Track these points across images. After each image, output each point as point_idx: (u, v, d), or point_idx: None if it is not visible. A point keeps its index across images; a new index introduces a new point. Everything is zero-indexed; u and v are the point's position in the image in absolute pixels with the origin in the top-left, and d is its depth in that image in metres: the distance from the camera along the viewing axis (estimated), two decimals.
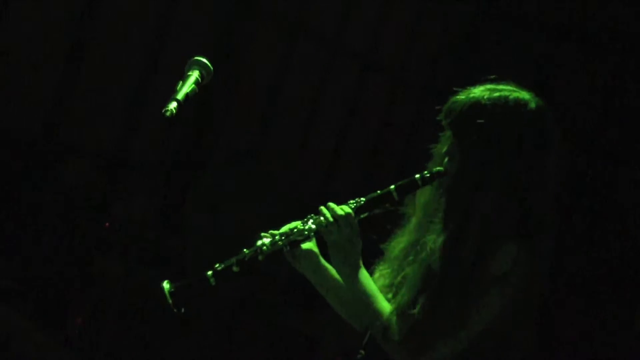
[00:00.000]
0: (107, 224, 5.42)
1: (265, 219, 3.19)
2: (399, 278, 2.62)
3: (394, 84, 7.45)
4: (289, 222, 2.73)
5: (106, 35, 5.74)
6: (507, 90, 2.57)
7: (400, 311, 2.50)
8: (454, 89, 2.62)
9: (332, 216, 2.59)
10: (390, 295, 2.60)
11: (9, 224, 5.32)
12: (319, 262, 2.76)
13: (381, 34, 7.21)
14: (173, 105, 2.58)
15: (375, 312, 2.55)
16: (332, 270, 2.75)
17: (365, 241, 2.65)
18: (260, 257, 2.65)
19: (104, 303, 5.28)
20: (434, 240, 2.52)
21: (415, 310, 2.46)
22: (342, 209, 2.60)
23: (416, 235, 2.62)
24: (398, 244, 2.68)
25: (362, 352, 2.68)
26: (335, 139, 7.16)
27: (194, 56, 2.71)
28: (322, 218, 2.62)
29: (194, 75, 2.67)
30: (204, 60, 2.69)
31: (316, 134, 6.97)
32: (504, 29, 7.03)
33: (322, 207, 2.63)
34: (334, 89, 7.04)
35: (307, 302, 5.66)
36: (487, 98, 2.54)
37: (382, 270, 2.70)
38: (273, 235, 2.68)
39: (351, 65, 7.14)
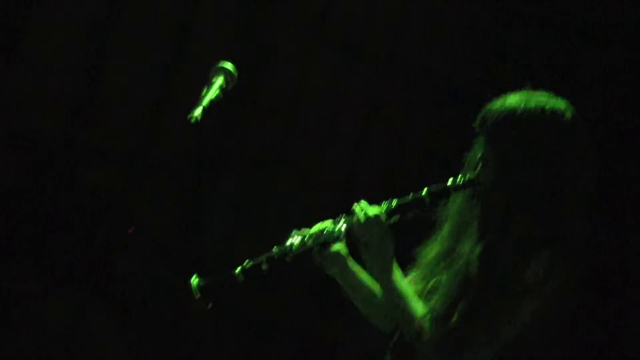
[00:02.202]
0: (129, 230, 5.44)
1: (288, 220, 3.21)
2: (430, 284, 2.64)
3: (415, 87, 7.44)
4: (314, 222, 2.75)
5: (128, 39, 5.77)
6: (544, 100, 2.59)
7: (435, 316, 2.51)
8: (488, 95, 2.64)
9: (364, 216, 2.60)
10: (422, 301, 2.61)
11: (32, 226, 5.35)
12: (347, 264, 2.75)
13: (402, 36, 7.21)
14: (198, 111, 2.61)
15: (409, 314, 2.55)
16: (361, 272, 2.76)
17: (399, 245, 2.66)
18: (289, 258, 2.67)
19: (127, 305, 5.32)
20: (471, 249, 2.53)
21: (453, 319, 2.48)
22: (373, 209, 2.61)
23: (449, 243, 2.63)
24: (430, 250, 2.69)
25: (389, 353, 2.68)
26: (355, 141, 7.16)
27: (217, 61, 2.74)
28: (354, 218, 2.62)
29: (219, 81, 2.70)
30: (229, 66, 2.72)
31: (337, 136, 6.99)
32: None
33: (355, 206, 2.64)
34: (354, 90, 7.05)
35: (329, 307, 5.67)
36: (523, 107, 2.56)
37: (414, 277, 2.71)
38: (303, 235, 2.69)
39: (371, 68, 7.14)
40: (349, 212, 2.67)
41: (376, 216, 2.60)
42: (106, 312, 5.17)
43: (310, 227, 2.72)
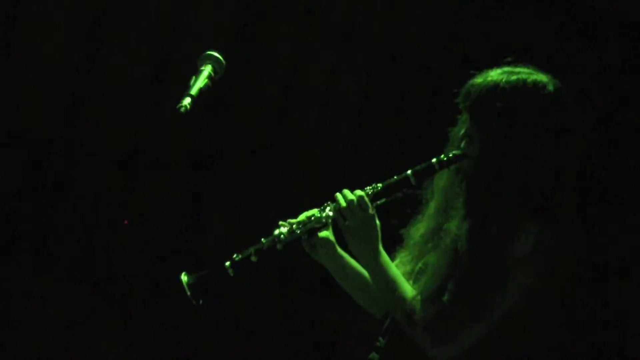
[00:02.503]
0: (125, 221, 5.45)
1: (285, 211, 3.21)
2: (419, 264, 2.63)
3: (408, 73, 7.42)
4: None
5: (121, 34, 5.77)
6: (525, 73, 2.59)
7: (425, 296, 2.51)
8: (471, 72, 2.64)
9: (345, 201, 2.60)
10: (411, 282, 2.60)
11: (30, 223, 5.35)
12: (335, 250, 2.75)
13: (394, 22, 7.20)
14: (187, 101, 2.60)
15: (399, 296, 2.55)
16: (350, 259, 2.76)
17: (385, 228, 2.65)
18: (278, 247, 2.66)
19: (126, 299, 5.32)
20: (458, 226, 2.53)
21: (444, 297, 2.47)
22: (355, 194, 2.61)
23: (436, 221, 2.63)
24: (417, 230, 2.69)
25: (381, 339, 2.68)
26: (351, 127, 7.15)
27: (207, 51, 2.74)
28: (337, 204, 2.62)
29: (207, 69, 2.69)
30: (216, 54, 2.71)
31: (332, 124, 6.97)
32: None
33: (337, 194, 2.63)
34: (349, 78, 7.04)
35: (328, 289, 5.66)
36: (505, 81, 2.56)
37: (402, 258, 2.70)
38: (291, 224, 2.68)
39: (365, 55, 7.13)
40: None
41: (359, 198, 2.59)
42: (106, 311, 5.17)
43: (296, 217, 2.72)
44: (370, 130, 7.23)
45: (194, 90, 2.63)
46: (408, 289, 2.56)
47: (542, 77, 2.60)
